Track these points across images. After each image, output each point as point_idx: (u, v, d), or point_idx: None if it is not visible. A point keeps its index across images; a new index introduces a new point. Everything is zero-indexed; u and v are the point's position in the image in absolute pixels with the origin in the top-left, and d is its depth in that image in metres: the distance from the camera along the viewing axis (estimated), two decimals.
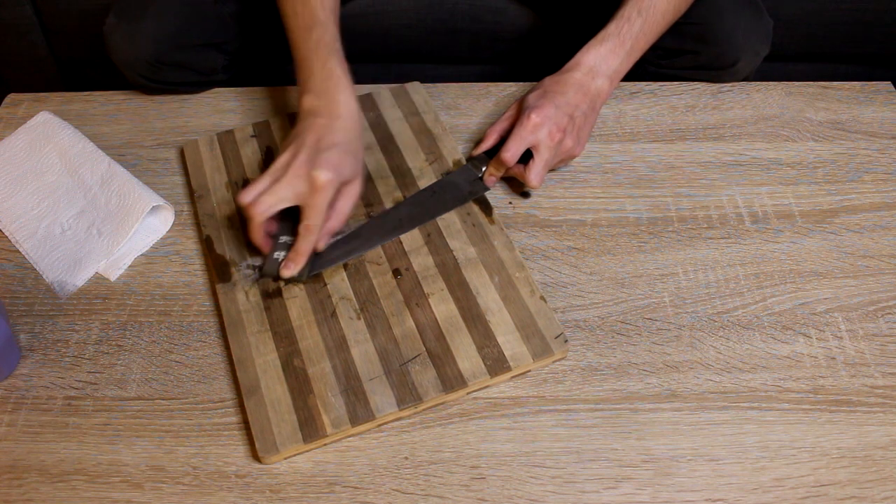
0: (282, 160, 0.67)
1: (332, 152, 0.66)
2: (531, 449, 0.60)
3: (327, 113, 0.69)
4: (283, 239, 0.69)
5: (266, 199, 0.65)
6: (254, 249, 0.70)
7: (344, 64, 0.71)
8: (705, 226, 0.75)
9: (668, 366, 0.65)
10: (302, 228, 0.66)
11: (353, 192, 0.69)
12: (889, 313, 0.68)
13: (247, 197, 0.66)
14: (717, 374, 0.64)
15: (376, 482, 0.58)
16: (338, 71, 0.70)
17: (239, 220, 0.73)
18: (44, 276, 0.71)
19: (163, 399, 0.63)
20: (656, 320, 0.68)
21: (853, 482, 0.58)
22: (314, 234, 0.67)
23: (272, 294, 0.67)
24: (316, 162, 0.65)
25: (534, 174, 0.72)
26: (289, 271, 0.67)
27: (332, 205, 0.67)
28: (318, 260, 0.69)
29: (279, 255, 0.68)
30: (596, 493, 0.58)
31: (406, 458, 0.59)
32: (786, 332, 0.67)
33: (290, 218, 0.68)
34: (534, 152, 0.72)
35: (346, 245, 0.71)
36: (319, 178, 0.64)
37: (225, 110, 0.86)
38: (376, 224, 0.73)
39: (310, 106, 0.70)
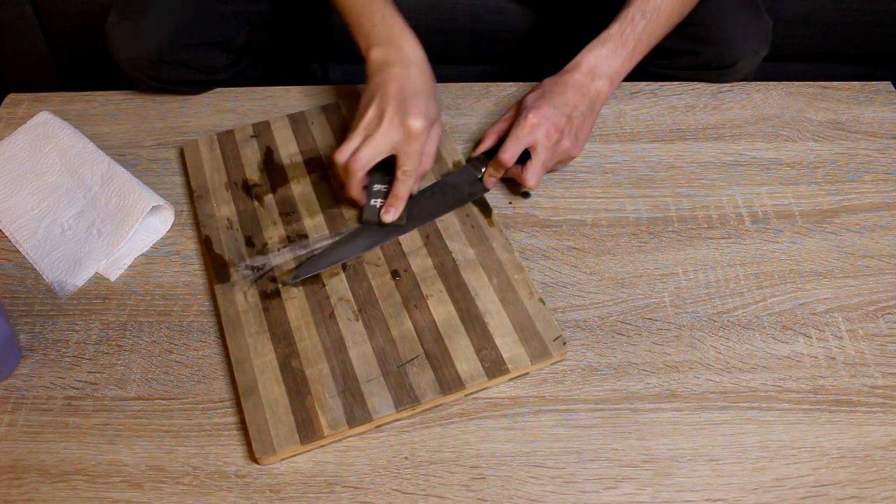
0: (370, 114, 0.69)
1: (418, 99, 0.68)
2: (531, 449, 0.60)
3: (401, 62, 0.70)
4: (377, 187, 0.72)
5: (365, 152, 0.68)
6: (253, 250, 0.70)
7: (400, 14, 0.73)
8: (705, 226, 0.75)
9: (668, 366, 0.65)
10: (400, 174, 0.69)
11: (437, 134, 0.72)
12: (889, 313, 0.68)
13: (343, 155, 0.68)
14: (717, 374, 0.64)
15: (376, 482, 0.58)
16: (399, 21, 0.72)
17: (239, 224, 0.73)
18: (44, 276, 0.71)
19: (163, 399, 0.63)
20: (656, 320, 0.68)
21: (853, 482, 0.58)
22: (412, 178, 0.70)
23: (270, 295, 0.67)
24: (407, 111, 0.67)
25: (531, 174, 0.72)
26: (391, 215, 0.70)
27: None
28: (317, 262, 0.69)
29: (376, 202, 0.71)
30: (596, 493, 0.58)
31: (406, 458, 0.59)
32: (786, 332, 0.67)
33: (379, 167, 0.70)
34: (531, 152, 0.72)
35: (346, 246, 0.71)
36: (415, 126, 0.67)
37: (225, 110, 0.86)
38: (376, 225, 0.73)
39: (381, 58, 0.71)
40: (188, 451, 0.60)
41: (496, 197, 0.77)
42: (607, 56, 0.75)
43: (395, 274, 0.69)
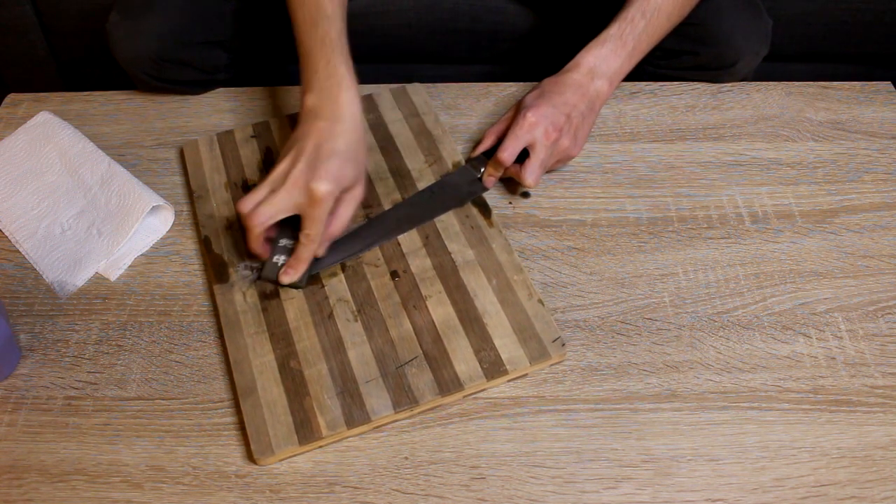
0: (281, 168, 0.66)
1: (332, 161, 0.64)
2: (531, 449, 0.60)
3: (329, 115, 0.67)
4: (283, 242, 0.69)
5: (264, 209, 0.64)
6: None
7: (349, 62, 0.69)
8: (705, 226, 0.75)
9: (668, 366, 0.65)
10: (302, 237, 0.66)
11: (354, 198, 0.68)
12: (889, 313, 0.68)
13: (246, 206, 0.65)
14: (717, 374, 0.64)
15: (376, 482, 0.58)
16: (341, 69, 0.68)
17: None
18: (44, 276, 0.71)
19: (163, 399, 0.63)
20: (656, 320, 0.68)
21: (853, 482, 0.58)
22: (314, 243, 0.66)
23: (269, 295, 0.67)
24: (315, 172, 0.63)
25: (529, 173, 0.72)
26: (288, 277, 0.67)
27: (332, 211, 0.66)
28: (316, 262, 0.69)
29: (279, 258, 0.68)
30: (596, 493, 0.58)
31: (406, 458, 0.59)
32: (786, 332, 0.67)
33: (290, 221, 0.67)
34: (530, 151, 0.72)
35: (345, 246, 0.71)
36: (319, 189, 0.63)
37: (225, 110, 0.86)
38: (375, 225, 0.73)
39: (311, 106, 0.68)
40: (188, 451, 0.60)
41: (496, 197, 0.77)
42: (607, 56, 0.75)
43: (394, 274, 0.69)
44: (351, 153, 0.66)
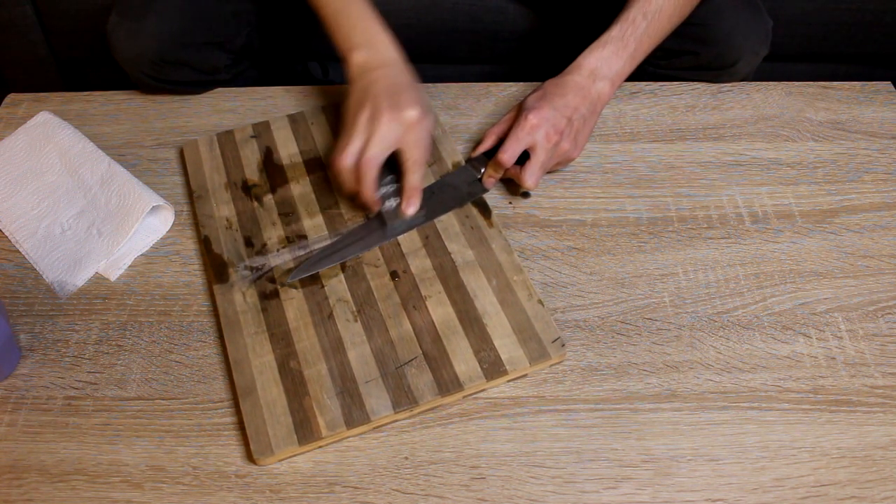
0: (364, 116, 0.69)
1: (408, 92, 0.69)
2: (531, 449, 0.60)
3: (381, 63, 0.71)
4: (384, 189, 0.72)
5: (373, 150, 0.67)
6: (252, 250, 0.70)
7: (377, 13, 0.73)
8: (705, 226, 0.75)
9: (668, 366, 0.65)
10: (410, 164, 0.69)
11: (431, 126, 0.71)
12: (889, 313, 0.68)
13: (348, 158, 0.68)
14: (717, 374, 0.64)
15: (376, 482, 0.58)
16: (376, 23, 0.73)
17: (248, 219, 0.73)
18: (44, 276, 0.71)
19: (163, 399, 0.63)
20: (656, 320, 0.68)
21: (853, 482, 0.58)
22: (422, 167, 0.70)
23: (269, 295, 0.67)
24: (400, 104, 0.68)
25: (529, 175, 0.72)
26: (413, 206, 0.71)
27: None
28: (314, 260, 0.69)
29: (391, 203, 0.71)
30: (596, 493, 0.58)
31: (406, 458, 0.59)
32: (786, 332, 0.67)
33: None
34: (530, 153, 0.73)
35: (344, 246, 0.71)
36: (412, 115, 0.68)
37: (225, 110, 0.86)
38: (375, 225, 0.73)
39: (362, 61, 0.72)
40: (188, 451, 0.60)
41: (496, 197, 0.77)
42: (608, 58, 0.75)
43: (394, 275, 0.69)
44: (415, 83, 0.72)
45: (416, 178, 0.70)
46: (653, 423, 0.61)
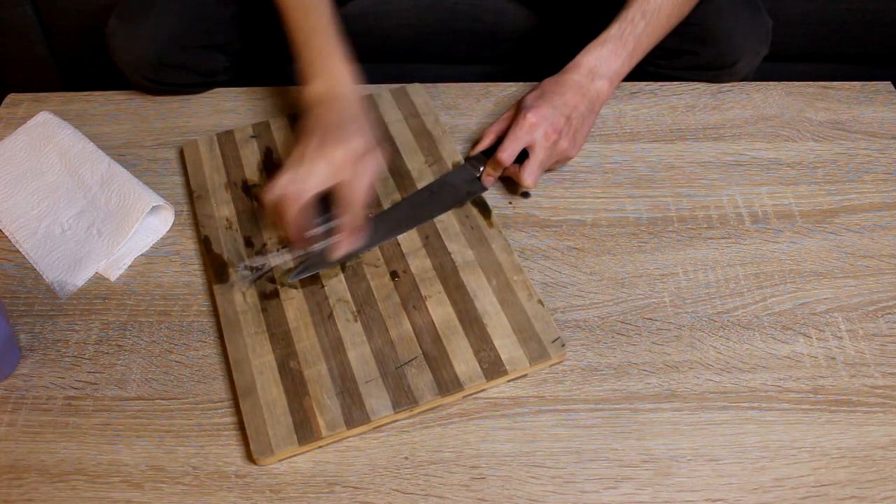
0: (297, 152, 0.67)
1: (343, 129, 0.67)
2: (531, 449, 0.60)
3: (333, 95, 0.70)
4: (314, 232, 0.70)
5: (296, 188, 0.65)
6: (252, 250, 0.70)
7: (343, 46, 0.72)
8: (705, 226, 0.75)
9: (668, 366, 0.65)
10: (345, 203, 0.67)
11: (374, 164, 0.68)
12: (889, 313, 0.68)
13: (274, 192, 0.66)
14: (717, 374, 0.64)
15: (376, 482, 0.58)
16: (336, 54, 0.71)
17: (248, 219, 0.73)
18: (44, 276, 0.71)
19: (163, 399, 0.63)
20: (656, 320, 0.68)
21: (853, 482, 0.58)
22: (357, 207, 0.67)
23: (269, 295, 0.67)
24: (331, 142, 0.66)
25: (528, 174, 0.72)
26: (343, 249, 0.68)
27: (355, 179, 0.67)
28: (315, 260, 0.69)
29: (318, 246, 0.70)
30: (596, 493, 0.58)
31: (406, 458, 0.59)
32: (786, 332, 0.67)
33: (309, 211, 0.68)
34: (529, 152, 0.73)
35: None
36: (340, 154, 0.65)
37: (225, 110, 0.86)
38: (374, 224, 0.73)
39: (314, 94, 0.71)
40: (188, 451, 0.60)
41: (496, 197, 0.77)
42: (607, 57, 0.75)
43: (394, 275, 0.69)
44: (357, 121, 0.69)
45: (351, 217, 0.67)
46: (653, 423, 0.61)
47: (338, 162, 0.65)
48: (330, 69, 0.71)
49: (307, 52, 0.72)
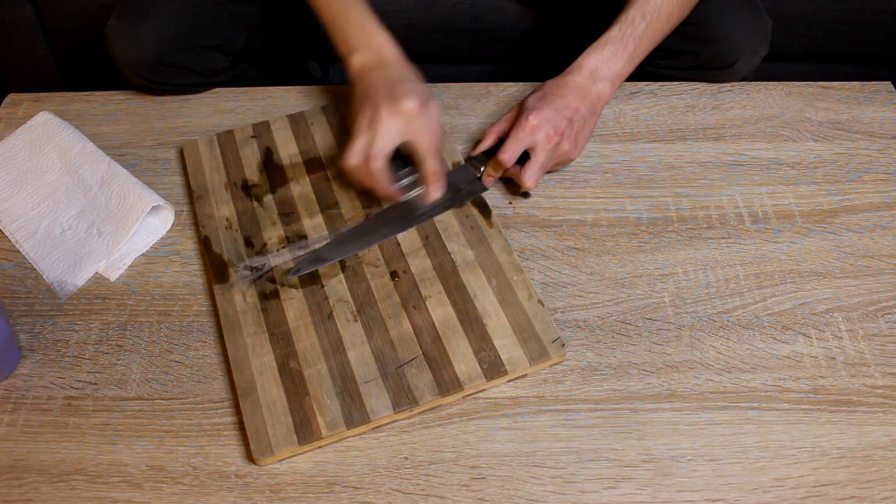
0: (365, 117, 0.70)
1: (402, 84, 0.70)
2: (531, 449, 0.60)
3: (379, 63, 0.73)
4: (403, 182, 0.73)
5: (378, 146, 0.68)
6: (252, 250, 0.71)
7: (375, 16, 0.75)
8: (705, 226, 0.75)
9: (668, 366, 0.65)
10: (423, 153, 0.70)
11: (436, 113, 0.72)
12: (889, 313, 0.68)
13: (354, 157, 0.69)
14: (717, 374, 0.64)
15: (376, 482, 0.58)
16: (373, 24, 0.74)
17: (248, 219, 0.73)
18: (44, 276, 0.71)
19: (163, 399, 0.63)
20: (656, 320, 0.68)
21: (853, 482, 0.58)
22: (435, 153, 0.70)
23: (269, 295, 0.67)
24: (397, 97, 0.69)
25: (528, 175, 0.72)
26: (438, 192, 0.72)
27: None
28: (316, 261, 0.69)
29: (414, 192, 0.73)
30: (596, 493, 0.58)
31: (406, 458, 0.59)
32: (786, 332, 0.67)
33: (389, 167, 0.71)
34: (530, 154, 0.73)
35: (343, 244, 0.71)
36: (408, 106, 0.68)
37: (225, 110, 0.86)
38: (373, 223, 0.73)
39: (361, 63, 0.73)
40: (188, 451, 0.60)
41: (496, 197, 0.77)
42: (608, 59, 0.75)
43: (394, 275, 0.69)
44: (412, 77, 0.73)
45: (432, 163, 0.71)
46: (653, 423, 0.61)
47: (407, 114, 0.68)
48: (368, 39, 0.74)
49: (343, 25, 0.75)
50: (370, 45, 0.74)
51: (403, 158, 0.73)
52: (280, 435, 0.59)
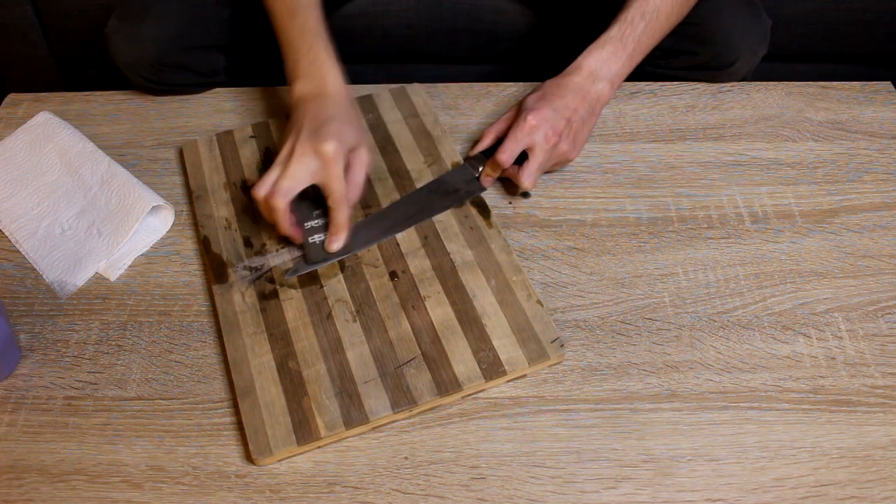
0: (285, 149, 0.68)
1: (330, 125, 0.67)
2: (531, 449, 0.60)
3: (315, 95, 0.70)
4: (311, 224, 0.71)
5: (283, 184, 0.66)
6: (252, 250, 0.71)
7: (329, 46, 0.72)
8: (705, 226, 0.75)
9: (668, 366, 0.65)
10: (332, 202, 0.67)
11: (363, 160, 0.69)
12: (889, 313, 0.68)
13: (262, 189, 0.67)
14: (717, 374, 0.64)
15: (376, 482, 0.58)
16: (323, 54, 0.71)
17: (247, 219, 0.73)
18: (44, 276, 0.71)
19: (163, 399, 0.63)
20: (656, 320, 0.68)
21: (853, 482, 0.58)
22: (345, 203, 0.68)
23: (268, 295, 0.67)
24: (318, 137, 0.66)
25: (526, 176, 0.72)
26: (337, 244, 0.69)
27: (346, 176, 0.68)
28: (311, 256, 0.69)
29: (315, 238, 0.70)
30: (596, 493, 0.58)
31: (406, 458, 0.59)
32: (786, 332, 0.67)
33: (305, 205, 0.70)
34: (529, 154, 0.73)
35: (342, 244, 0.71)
36: (326, 149, 0.65)
37: (225, 110, 0.86)
38: (372, 222, 0.73)
39: (300, 93, 0.71)
40: (188, 451, 0.60)
41: (496, 197, 0.77)
42: (607, 59, 0.75)
43: (393, 275, 0.69)
44: (344, 117, 0.69)
45: (340, 215, 0.68)
46: (653, 423, 0.61)
47: (326, 156, 0.65)
48: (316, 69, 0.71)
49: (293, 53, 0.73)
50: (314, 76, 0.71)
51: (320, 201, 0.70)
52: (279, 435, 0.59)
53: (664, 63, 0.88)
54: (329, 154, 0.65)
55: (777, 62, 1.05)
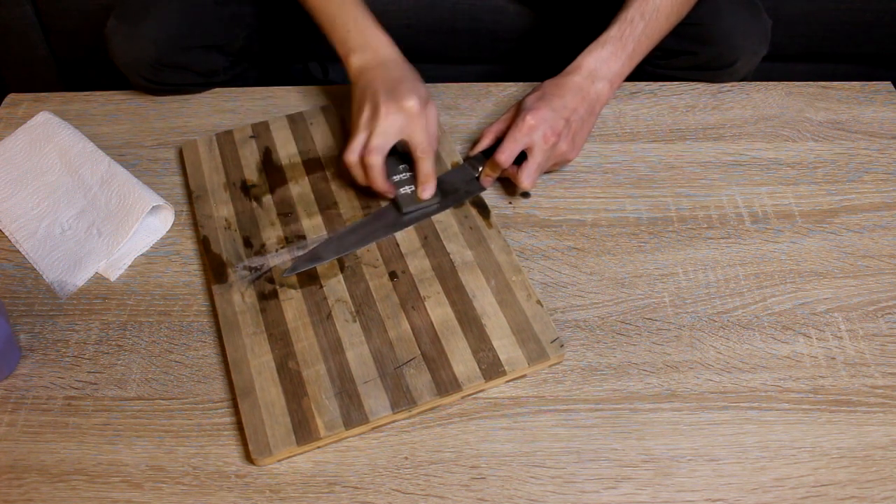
0: (364, 114, 0.71)
1: (404, 83, 0.72)
2: (531, 449, 0.60)
3: (378, 62, 0.74)
4: (398, 177, 0.74)
5: (375, 141, 0.70)
6: (251, 250, 0.71)
7: (371, 15, 0.76)
8: (705, 226, 0.75)
9: (668, 366, 0.65)
10: (420, 153, 0.72)
11: (435, 113, 0.73)
12: (889, 313, 0.68)
13: (353, 153, 0.71)
14: (717, 374, 0.64)
15: (376, 482, 0.58)
16: (370, 23, 0.75)
17: (246, 219, 0.73)
18: (44, 276, 0.71)
19: (163, 399, 0.63)
20: (656, 320, 0.68)
21: (853, 482, 0.58)
22: (431, 153, 0.72)
23: (268, 296, 0.67)
24: (398, 96, 0.70)
25: (525, 176, 0.72)
26: (429, 191, 0.73)
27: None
28: (314, 259, 0.69)
29: (406, 189, 0.73)
30: (596, 493, 0.58)
31: (406, 458, 0.59)
32: (786, 332, 0.67)
33: (389, 161, 0.72)
34: (528, 154, 0.73)
35: (341, 243, 0.71)
36: (410, 105, 0.70)
37: (225, 110, 0.86)
38: (371, 221, 0.73)
39: (360, 63, 0.74)
40: (188, 451, 0.60)
41: (496, 197, 0.77)
42: (607, 58, 0.75)
43: (392, 275, 0.69)
44: (412, 77, 0.74)
45: (426, 165, 0.72)
46: (653, 423, 0.61)
47: (407, 113, 0.70)
48: (367, 39, 0.75)
49: (340, 29, 0.75)
50: (369, 45, 0.75)
51: (402, 157, 0.74)
52: (278, 435, 0.59)
53: (664, 63, 0.88)
54: (414, 109, 0.70)
55: (777, 62, 1.05)
